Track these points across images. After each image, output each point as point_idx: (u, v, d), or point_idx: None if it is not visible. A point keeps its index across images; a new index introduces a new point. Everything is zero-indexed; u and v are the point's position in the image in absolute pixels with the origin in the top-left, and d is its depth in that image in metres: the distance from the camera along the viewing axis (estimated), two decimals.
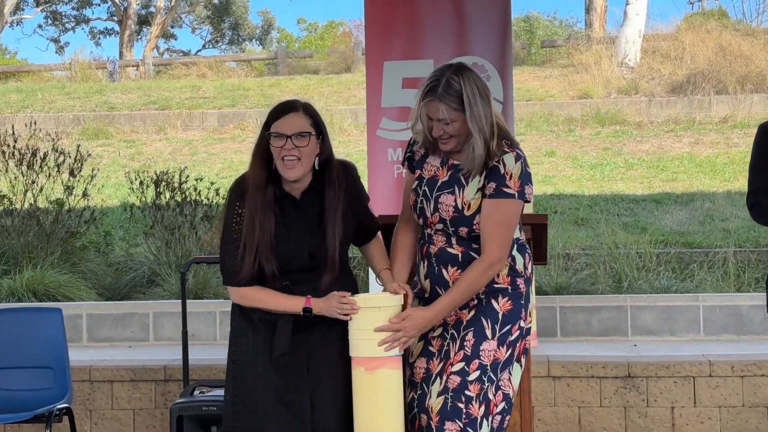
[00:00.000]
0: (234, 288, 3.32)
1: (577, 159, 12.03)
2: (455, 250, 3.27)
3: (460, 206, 3.22)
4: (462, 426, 3.18)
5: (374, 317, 3.20)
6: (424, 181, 3.32)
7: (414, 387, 3.33)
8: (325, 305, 3.26)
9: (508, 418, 3.27)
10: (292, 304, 3.27)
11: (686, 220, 9.40)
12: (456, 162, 3.28)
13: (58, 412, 4.67)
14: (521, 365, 3.31)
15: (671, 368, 5.41)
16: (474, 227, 3.21)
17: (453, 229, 3.25)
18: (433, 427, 3.21)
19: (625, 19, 15.52)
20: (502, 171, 3.18)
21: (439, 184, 3.28)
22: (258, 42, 31.15)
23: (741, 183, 10.46)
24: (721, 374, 5.38)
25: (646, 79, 14.56)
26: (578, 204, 10.07)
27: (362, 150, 9.76)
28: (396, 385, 3.23)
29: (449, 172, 3.28)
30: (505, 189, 3.17)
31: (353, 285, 3.41)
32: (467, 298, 3.22)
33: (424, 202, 3.30)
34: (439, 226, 3.28)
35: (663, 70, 14.76)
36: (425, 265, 3.34)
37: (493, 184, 3.18)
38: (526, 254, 3.34)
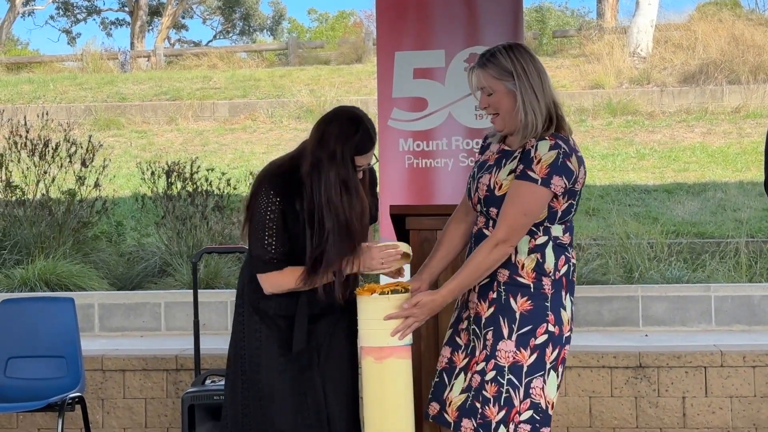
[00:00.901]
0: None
1: (588, 149, 12.00)
2: (489, 232, 3.22)
3: (491, 185, 3.20)
4: (475, 425, 3.13)
5: (383, 307, 3.19)
6: (477, 164, 3.35)
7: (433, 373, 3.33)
8: (364, 261, 3.29)
9: (544, 430, 3.14)
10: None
11: (698, 211, 9.38)
12: (507, 147, 3.27)
13: (70, 401, 4.69)
14: (558, 375, 3.21)
15: (682, 358, 5.40)
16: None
17: (485, 209, 3.22)
18: (451, 422, 3.18)
19: (637, 8, 15.45)
20: (532, 154, 3.13)
21: (485, 166, 3.29)
22: (269, 32, 31.11)
23: (753, 173, 10.42)
24: (733, 364, 5.36)
25: (658, 69, 14.51)
26: (590, 194, 10.05)
27: None
28: (405, 374, 3.22)
29: (497, 156, 3.28)
30: (529, 172, 3.11)
31: (356, 276, 3.43)
32: (475, 280, 3.17)
33: (471, 183, 3.31)
34: (478, 207, 3.28)
35: (675, 60, 14.71)
36: (469, 246, 3.33)
37: (521, 166, 3.14)
38: (563, 256, 3.20)
